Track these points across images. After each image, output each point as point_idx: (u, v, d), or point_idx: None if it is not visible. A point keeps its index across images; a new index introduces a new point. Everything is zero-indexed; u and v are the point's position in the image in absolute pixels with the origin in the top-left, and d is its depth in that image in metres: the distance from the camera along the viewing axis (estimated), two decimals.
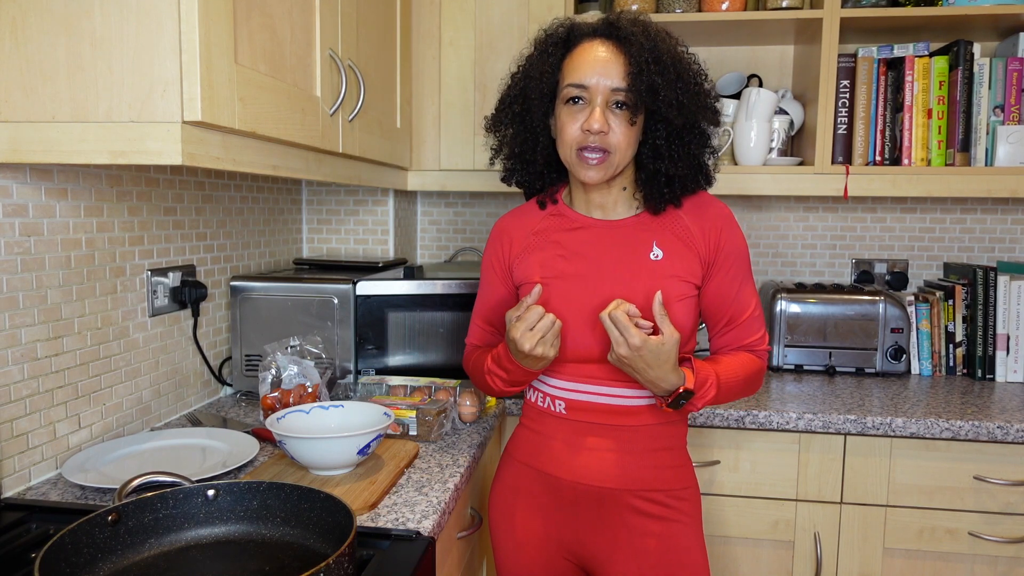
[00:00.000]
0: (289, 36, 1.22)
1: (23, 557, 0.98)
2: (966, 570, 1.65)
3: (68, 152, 0.99)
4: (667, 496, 1.22)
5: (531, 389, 1.30)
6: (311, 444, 1.15)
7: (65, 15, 0.96)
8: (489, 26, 1.99)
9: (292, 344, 1.57)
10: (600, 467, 1.21)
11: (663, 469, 1.22)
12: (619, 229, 1.23)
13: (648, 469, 1.21)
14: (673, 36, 1.20)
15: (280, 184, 2.02)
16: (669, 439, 1.23)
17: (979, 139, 1.92)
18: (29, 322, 1.17)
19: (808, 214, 2.26)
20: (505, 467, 1.32)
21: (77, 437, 1.29)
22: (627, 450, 1.21)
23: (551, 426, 1.25)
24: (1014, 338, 1.96)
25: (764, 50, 2.22)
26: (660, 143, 1.19)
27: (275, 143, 1.22)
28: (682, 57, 1.18)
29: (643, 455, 1.21)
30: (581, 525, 1.24)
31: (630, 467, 1.21)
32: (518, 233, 1.30)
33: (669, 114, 1.15)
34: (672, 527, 1.21)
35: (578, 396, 1.23)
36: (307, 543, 0.93)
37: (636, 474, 1.21)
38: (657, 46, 1.15)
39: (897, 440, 1.64)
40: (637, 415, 1.21)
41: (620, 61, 1.14)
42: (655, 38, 1.15)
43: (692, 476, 1.26)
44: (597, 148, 1.15)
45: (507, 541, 1.30)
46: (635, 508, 1.21)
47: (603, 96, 1.14)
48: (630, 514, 1.21)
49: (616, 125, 1.15)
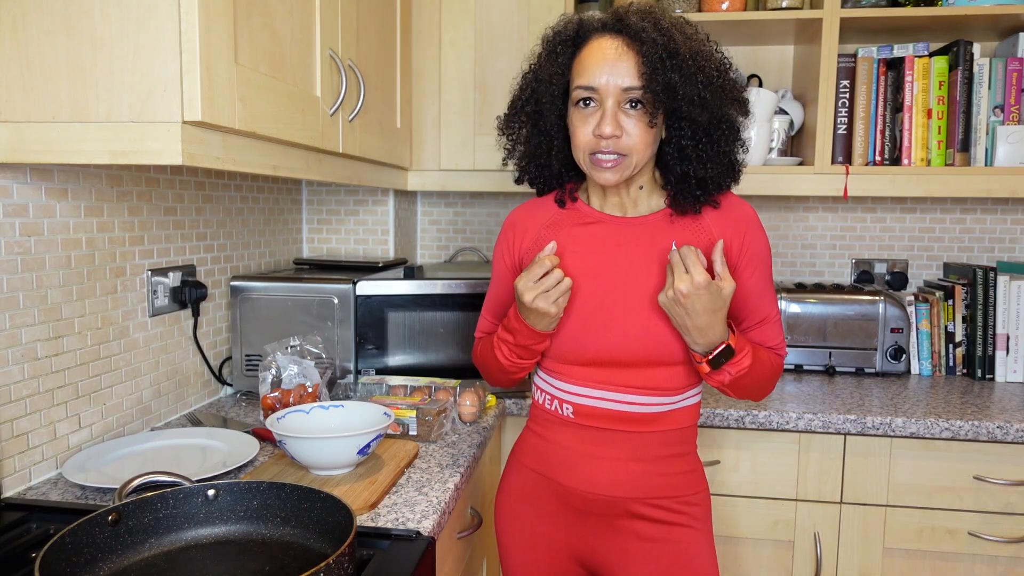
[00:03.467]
0: (289, 36, 1.22)
1: (23, 557, 0.98)
2: (966, 570, 1.65)
3: (68, 152, 0.99)
4: (677, 503, 1.18)
5: (538, 390, 1.26)
6: (311, 444, 1.15)
7: (65, 15, 0.97)
8: (489, 26, 1.99)
9: (292, 344, 1.57)
10: (609, 476, 1.17)
11: (673, 476, 1.18)
12: (635, 226, 1.18)
13: (658, 476, 1.17)
14: (692, 25, 1.12)
15: (280, 184, 2.02)
16: (679, 445, 1.19)
17: (979, 139, 1.92)
18: (29, 322, 1.18)
19: (808, 214, 2.26)
20: (512, 471, 1.28)
21: (77, 437, 1.29)
22: (637, 458, 1.17)
23: (559, 432, 1.21)
24: (1014, 338, 1.96)
25: (764, 50, 2.22)
26: (686, 143, 1.11)
27: (275, 143, 1.22)
28: (701, 48, 1.09)
29: (653, 462, 1.17)
30: (590, 532, 1.21)
31: (640, 475, 1.17)
32: (530, 225, 1.25)
33: (692, 112, 1.08)
34: (682, 534, 1.18)
35: (587, 401, 1.18)
36: (307, 543, 0.93)
37: (646, 482, 1.17)
38: (672, 38, 1.06)
39: (897, 440, 1.64)
40: (647, 422, 1.17)
41: (631, 58, 1.07)
42: (669, 30, 1.07)
43: (703, 481, 1.22)
44: (611, 152, 1.09)
45: (516, 545, 1.26)
46: (645, 516, 1.18)
47: (614, 97, 1.08)
48: (640, 522, 1.18)
49: (631, 126, 1.08)
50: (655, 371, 1.15)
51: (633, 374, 1.16)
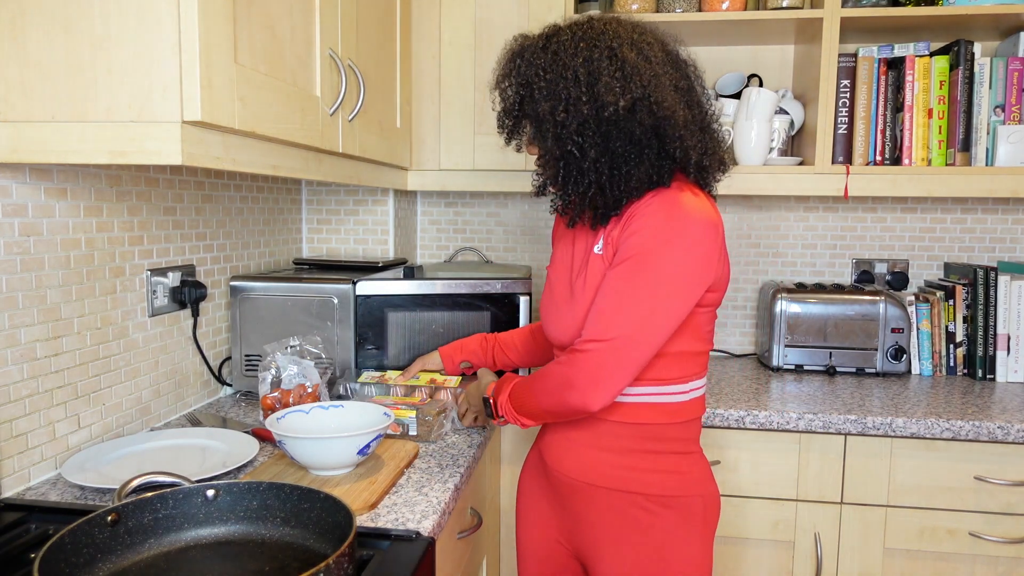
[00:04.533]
0: (289, 36, 1.22)
1: (23, 557, 0.98)
2: (966, 570, 1.65)
3: (68, 152, 0.99)
4: (647, 500, 1.17)
5: None
6: (311, 444, 1.15)
7: (65, 15, 0.96)
8: (489, 26, 1.99)
9: (292, 344, 1.57)
10: (579, 460, 1.22)
11: (643, 472, 1.18)
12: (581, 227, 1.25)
13: (625, 469, 1.18)
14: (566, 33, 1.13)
15: (280, 184, 2.02)
16: (653, 442, 1.18)
17: (979, 139, 1.92)
18: (28, 322, 1.17)
19: (808, 214, 2.26)
20: (532, 448, 1.39)
21: (77, 437, 1.29)
22: (602, 446, 1.20)
23: None
24: (1015, 338, 1.96)
25: (764, 50, 2.22)
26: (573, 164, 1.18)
27: (275, 143, 1.21)
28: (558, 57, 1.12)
29: (621, 454, 1.19)
30: (569, 515, 1.26)
31: (605, 464, 1.19)
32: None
33: (544, 140, 1.16)
34: (656, 536, 1.17)
35: None
36: (307, 543, 0.93)
37: (612, 472, 1.19)
38: (527, 66, 1.15)
39: (897, 440, 1.64)
40: (616, 411, 1.18)
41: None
42: (526, 56, 1.15)
43: (688, 485, 1.19)
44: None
45: (520, 518, 1.37)
46: (616, 509, 1.19)
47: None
48: (610, 514, 1.19)
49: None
50: None
51: None
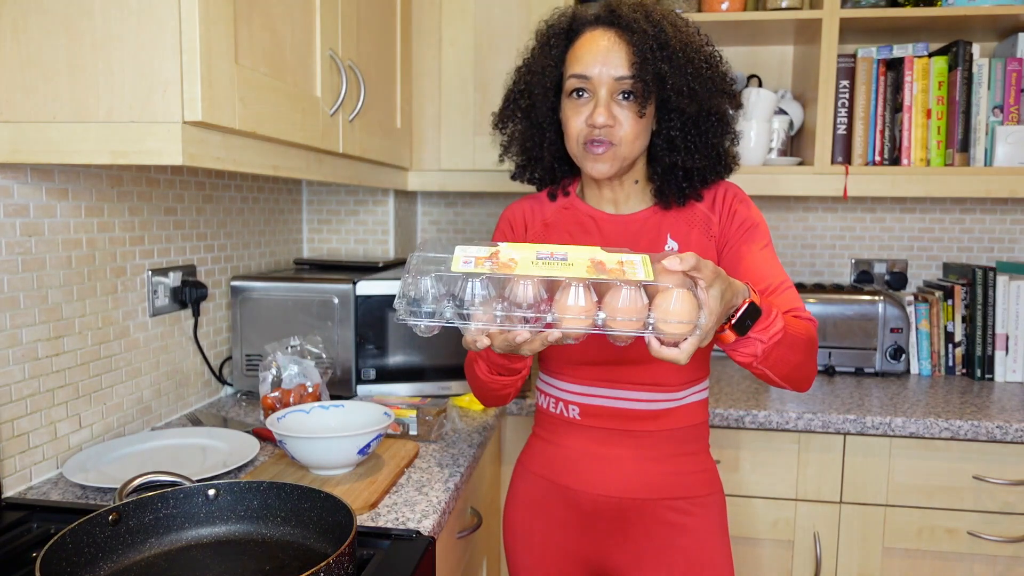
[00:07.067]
0: (289, 36, 1.22)
1: (24, 557, 0.98)
2: (965, 569, 1.65)
3: (69, 152, 0.99)
4: (690, 504, 1.17)
5: (542, 394, 1.25)
6: (311, 444, 1.15)
7: (65, 15, 0.97)
8: (489, 25, 1.99)
9: (292, 344, 1.57)
10: (620, 477, 1.16)
11: (686, 475, 1.17)
12: (631, 223, 1.18)
13: (670, 476, 1.16)
14: (683, 18, 1.14)
15: (280, 184, 2.02)
16: (691, 443, 1.18)
17: (978, 139, 1.92)
18: (30, 322, 1.18)
19: (808, 214, 2.26)
20: (520, 480, 1.26)
21: (78, 437, 1.29)
22: (647, 457, 1.16)
23: (565, 435, 1.20)
24: (1013, 338, 1.96)
25: (764, 50, 2.22)
26: (675, 134, 1.12)
27: (276, 143, 1.22)
28: (691, 40, 1.11)
29: (664, 461, 1.16)
30: (603, 538, 1.19)
31: (651, 475, 1.16)
32: (532, 220, 1.24)
33: (680, 103, 1.09)
34: (698, 536, 1.16)
35: (592, 400, 1.17)
36: (307, 543, 0.93)
37: (658, 482, 1.16)
38: (663, 30, 1.08)
39: (896, 440, 1.64)
40: (653, 419, 1.16)
41: (624, 49, 1.08)
42: (660, 22, 1.09)
43: (717, 481, 1.20)
44: (603, 142, 1.10)
45: (525, 556, 1.24)
46: (659, 518, 1.16)
47: (607, 87, 1.09)
48: (654, 524, 1.17)
49: (623, 118, 1.09)
50: (656, 366, 1.15)
51: (635, 370, 1.15)
